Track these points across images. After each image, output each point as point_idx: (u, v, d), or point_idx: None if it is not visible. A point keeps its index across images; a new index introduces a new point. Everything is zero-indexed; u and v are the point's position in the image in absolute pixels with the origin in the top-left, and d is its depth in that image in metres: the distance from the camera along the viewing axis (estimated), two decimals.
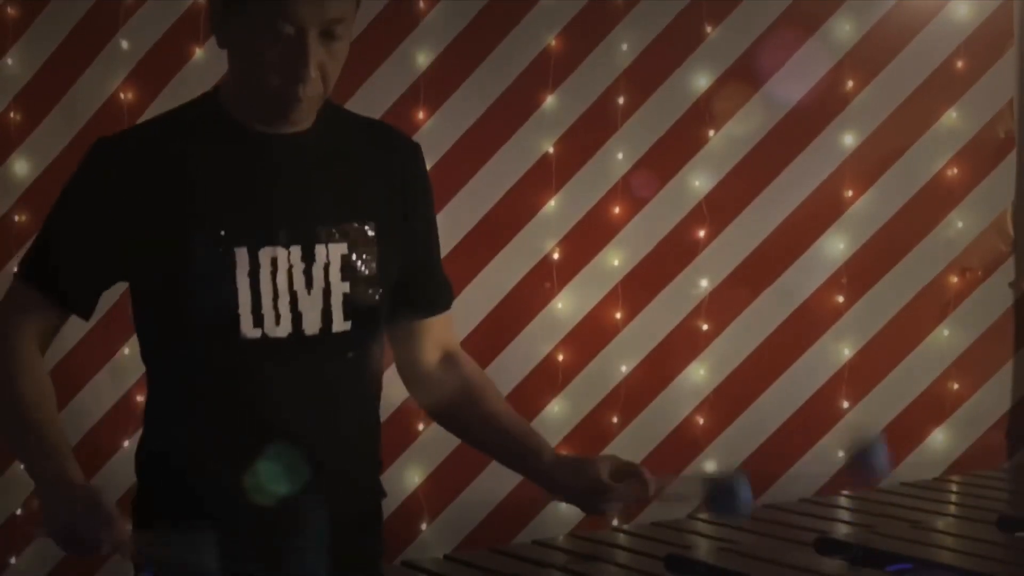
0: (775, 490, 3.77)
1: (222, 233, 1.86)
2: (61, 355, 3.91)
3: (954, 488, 2.99)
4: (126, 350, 3.90)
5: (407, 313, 2.05)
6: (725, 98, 3.80)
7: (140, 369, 4.02)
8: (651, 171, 3.80)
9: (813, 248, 3.83)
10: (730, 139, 3.81)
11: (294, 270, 1.89)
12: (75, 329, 3.90)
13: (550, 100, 3.78)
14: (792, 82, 3.78)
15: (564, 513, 3.82)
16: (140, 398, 3.89)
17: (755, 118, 3.80)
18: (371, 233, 1.94)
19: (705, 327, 3.82)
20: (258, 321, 1.87)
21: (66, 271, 1.92)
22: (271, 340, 1.88)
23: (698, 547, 2.51)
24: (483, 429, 2.07)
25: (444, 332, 2.10)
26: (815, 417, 3.83)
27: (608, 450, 3.79)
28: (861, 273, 3.83)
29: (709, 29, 3.78)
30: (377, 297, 1.95)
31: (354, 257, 1.93)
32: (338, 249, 1.92)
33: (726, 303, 3.83)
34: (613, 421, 3.78)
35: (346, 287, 1.92)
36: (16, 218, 3.93)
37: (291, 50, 1.79)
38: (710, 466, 3.81)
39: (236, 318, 1.87)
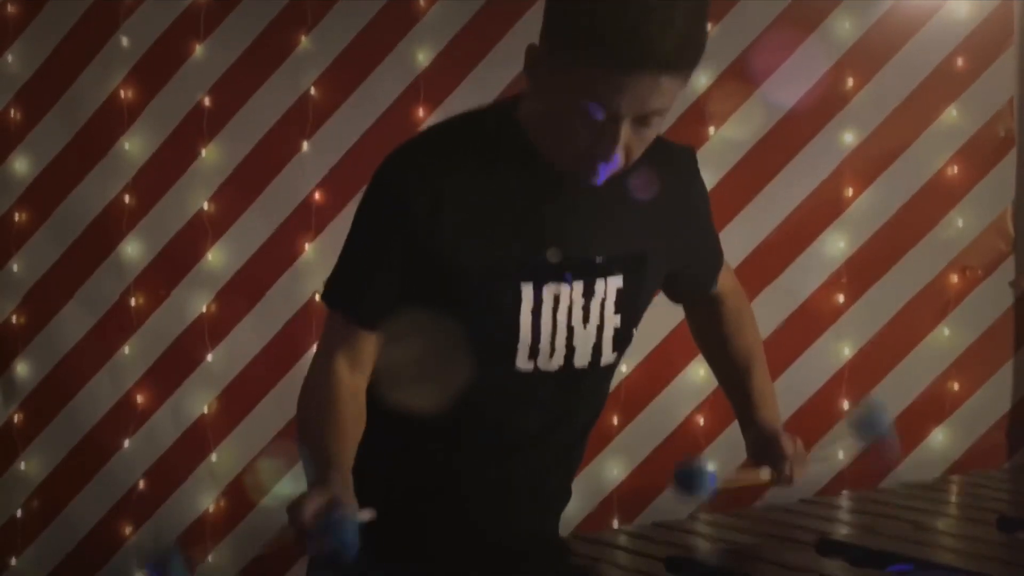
0: (775, 490, 3.76)
1: (510, 269, 1.85)
2: (61, 355, 3.92)
3: (954, 488, 2.99)
4: (126, 350, 3.90)
5: (692, 290, 2.20)
6: (724, 97, 3.79)
7: (140, 369, 4.09)
8: None
9: (813, 247, 3.83)
10: (730, 138, 3.80)
11: (574, 307, 1.90)
12: (75, 329, 3.92)
13: None
14: (791, 81, 3.77)
15: (564, 513, 3.81)
16: (140, 398, 3.90)
17: (754, 117, 3.79)
18: (645, 261, 1.95)
19: None
20: (533, 354, 1.89)
21: (369, 296, 1.91)
22: (541, 372, 1.91)
23: (698, 547, 2.51)
24: (711, 360, 2.29)
25: (719, 283, 2.21)
26: (815, 417, 3.82)
27: (608, 450, 3.79)
28: (861, 272, 3.82)
29: (708, 28, 3.77)
30: (638, 323, 2.00)
31: (628, 289, 1.94)
32: (615, 283, 1.93)
33: None
34: (613, 421, 3.78)
35: (617, 321, 1.95)
36: (16, 217, 3.94)
37: (601, 134, 1.71)
38: (710, 466, 3.80)
39: (513, 352, 1.88)
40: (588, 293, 1.90)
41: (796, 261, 3.82)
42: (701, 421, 3.82)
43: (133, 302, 3.90)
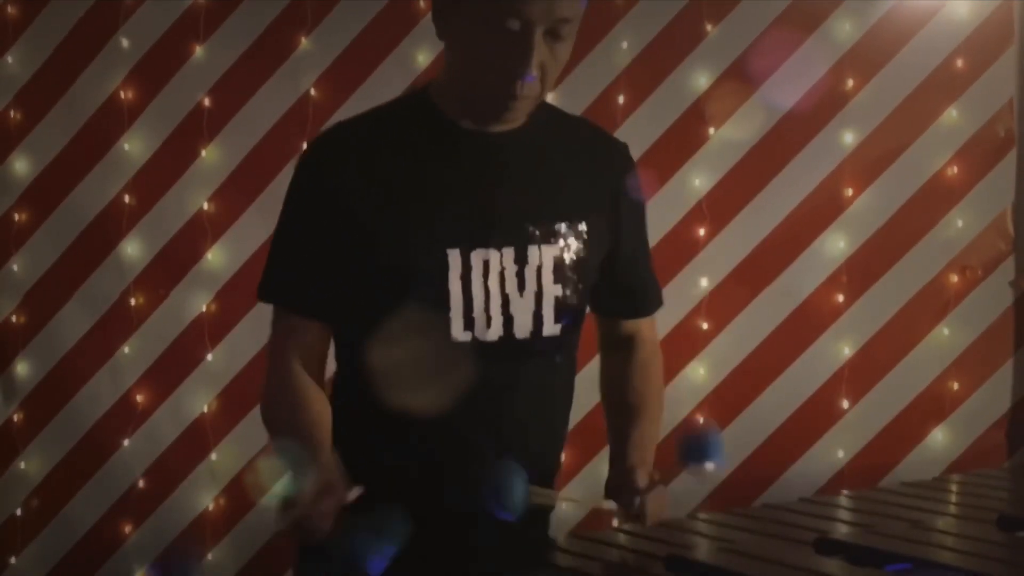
0: (775, 490, 3.77)
1: (434, 235, 1.85)
2: (61, 355, 3.92)
3: (954, 488, 2.98)
4: (126, 350, 3.90)
5: (614, 313, 2.12)
6: (725, 97, 3.79)
7: (140, 369, 4.09)
8: (651, 170, 3.80)
9: (813, 247, 3.83)
10: (730, 138, 3.81)
11: (506, 272, 1.89)
12: (75, 329, 3.92)
13: (549, 99, 3.76)
14: (792, 81, 3.77)
15: (564, 513, 3.81)
16: (140, 398, 3.90)
17: (755, 117, 3.80)
18: (582, 234, 1.94)
19: (705, 326, 3.82)
20: (468, 324, 1.88)
21: (301, 282, 1.92)
22: (481, 343, 1.89)
23: (698, 547, 2.50)
24: (605, 400, 2.21)
25: (641, 327, 2.16)
26: (815, 417, 3.83)
27: (608, 450, 3.78)
28: (861, 272, 3.82)
29: (709, 28, 3.78)
30: (585, 299, 1.98)
31: (566, 259, 1.93)
32: (550, 251, 1.92)
33: (726, 302, 3.83)
34: None
35: (557, 290, 1.93)
36: (16, 217, 3.94)
37: (515, 46, 1.77)
38: (709, 466, 3.79)
39: (447, 321, 1.87)
40: (521, 260, 1.90)
41: (796, 261, 3.82)
42: (701, 421, 3.82)
43: (133, 302, 3.90)
